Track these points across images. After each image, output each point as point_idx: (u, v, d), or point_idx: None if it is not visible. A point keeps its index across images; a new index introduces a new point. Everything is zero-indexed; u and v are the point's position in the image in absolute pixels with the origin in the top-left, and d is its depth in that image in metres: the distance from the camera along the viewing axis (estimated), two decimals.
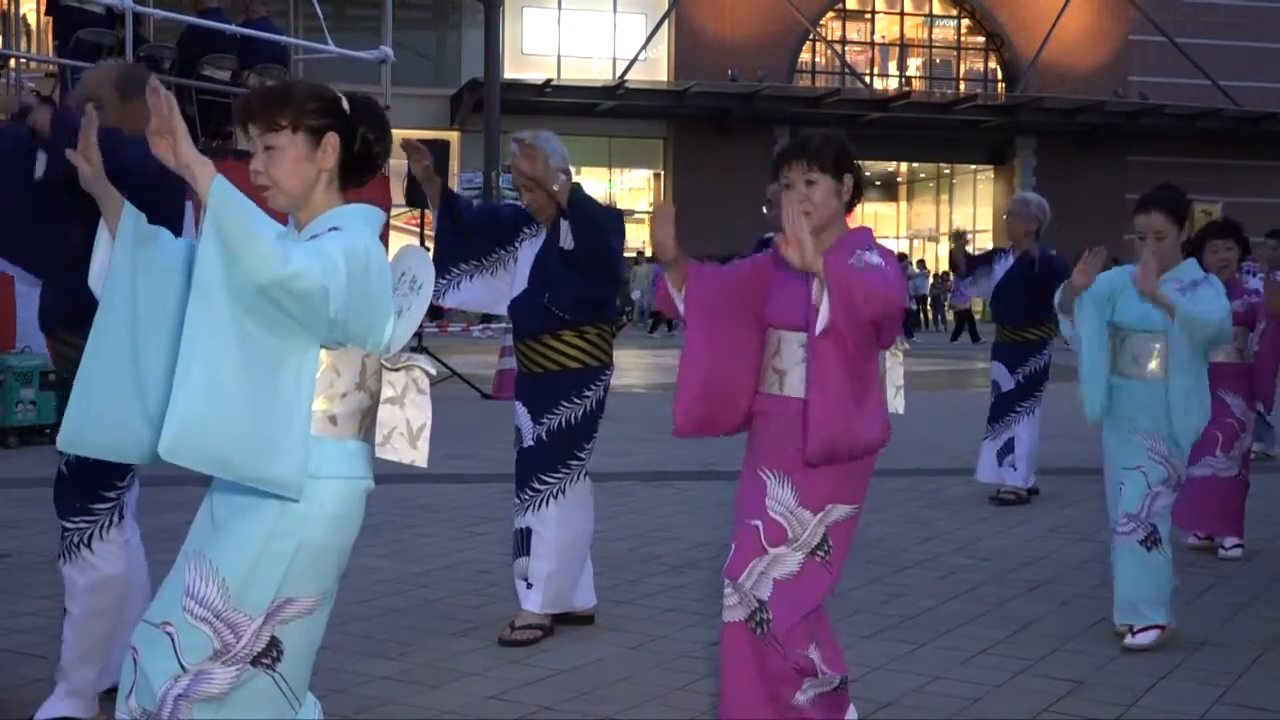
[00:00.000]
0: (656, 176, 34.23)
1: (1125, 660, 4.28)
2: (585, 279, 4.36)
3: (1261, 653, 4.39)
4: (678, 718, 3.68)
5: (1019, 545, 6.13)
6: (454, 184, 20.07)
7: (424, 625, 4.50)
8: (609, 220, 4.47)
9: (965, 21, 36.17)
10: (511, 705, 3.74)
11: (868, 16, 35.82)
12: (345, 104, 2.63)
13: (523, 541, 4.46)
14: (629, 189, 35.18)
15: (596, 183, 34.50)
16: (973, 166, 36.50)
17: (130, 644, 2.54)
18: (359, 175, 2.69)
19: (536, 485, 4.42)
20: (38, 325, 3.73)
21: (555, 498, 4.41)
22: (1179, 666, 4.22)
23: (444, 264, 4.56)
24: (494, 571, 5.36)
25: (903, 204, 39.69)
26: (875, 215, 39.44)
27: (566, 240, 4.30)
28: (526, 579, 4.43)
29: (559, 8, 33.14)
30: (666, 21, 32.17)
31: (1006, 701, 3.86)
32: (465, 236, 4.57)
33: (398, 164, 14.92)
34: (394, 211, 13.63)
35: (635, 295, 28.33)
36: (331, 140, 2.59)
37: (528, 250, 4.54)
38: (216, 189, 2.24)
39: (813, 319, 2.90)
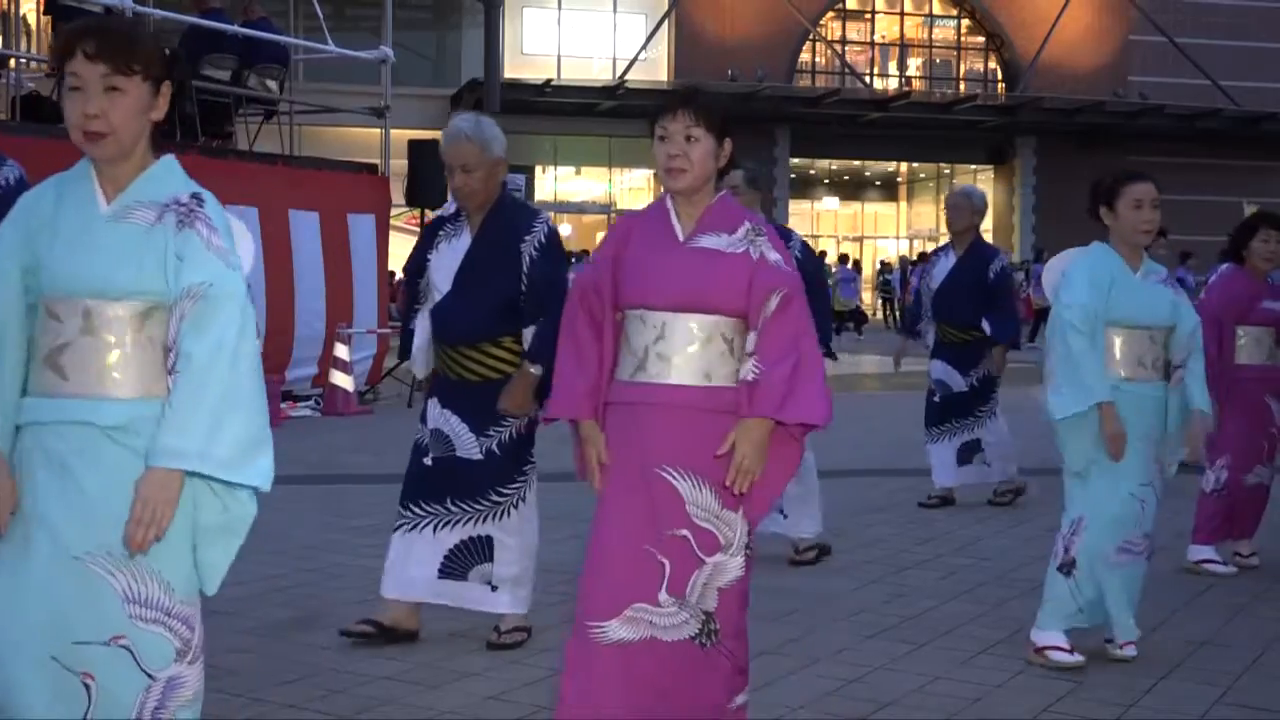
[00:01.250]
0: (656, 176, 34.19)
1: (1125, 660, 4.27)
2: None
3: (1261, 653, 4.39)
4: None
5: (1019, 545, 6.12)
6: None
7: (424, 625, 4.49)
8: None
9: (965, 21, 36.14)
10: (511, 705, 3.74)
11: (868, 16, 35.79)
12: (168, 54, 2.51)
13: (481, 549, 4.30)
14: (629, 189, 35.14)
15: (596, 183, 34.50)
16: (973, 166, 36.46)
17: (76, 671, 2.41)
18: (169, 128, 2.60)
19: (495, 497, 4.27)
20: None
21: (517, 506, 4.29)
22: (1179, 666, 4.22)
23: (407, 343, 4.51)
24: None
25: (902, 204, 39.66)
26: (875, 215, 39.44)
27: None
28: (490, 583, 4.32)
29: (559, 8, 33.11)
30: (666, 21, 32.14)
31: (1006, 701, 3.86)
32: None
33: (398, 164, 14.95)
34: (394, 211, 13.62)
35: None
36: (165, 92, 2.49)
37: (446, 252, 4.34)
38: (189, 459, 2.34)
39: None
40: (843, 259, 29.99)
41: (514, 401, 4.19)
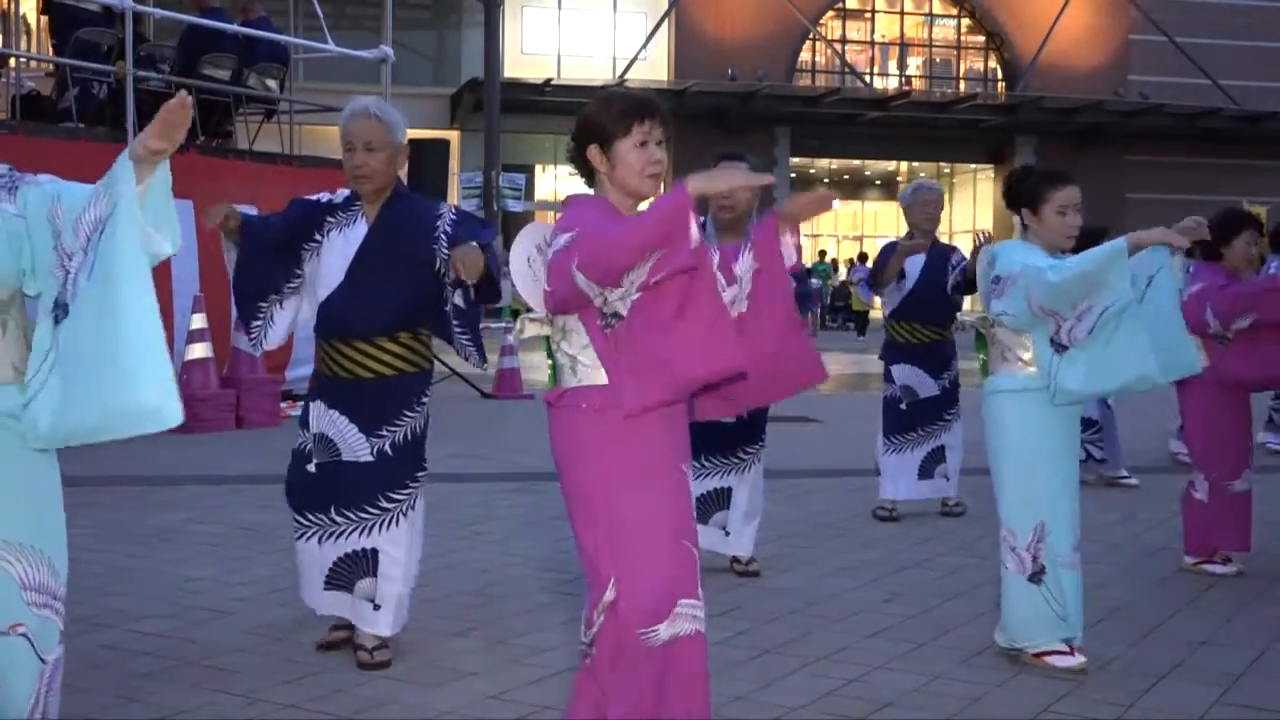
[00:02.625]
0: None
1: (1125, 660, 4.27)
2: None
3: (1261, 653, 4.39)
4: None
5: None
6: (454, 184, 19.97)
7: (424, 625, 4.49)
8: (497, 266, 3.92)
9: (965, 21, 36.16)
10: (511, 705, 3.74)
11: (868, 16, 35.82)
12: None
13: (365, 562, 4.04)
14: None
15: None
16: (973, 166, 36.49)
17: None
18: None
19: (384, 503, 4.00)
20: None
21: (405, 514, 4.03)
22: (1179, 666, 4.22)
23: (252, 305, 4.11)
24: (494, 571, 5.36)
25: None
26: (875, 215, 39.45)
27: (461, 299, 3.95)
28: (373, 600, 4.06)
29: (559, 7, 33.14)
30: (666, 21, 32.16)
31: (1006, 701, 3.86)
32: (273, 259, 4.08)
33: None
34: None
35: None
36: None
37: (339, 241, 4.04)
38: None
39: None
40: (862, 258, 29.94)
41: (471, 263, 3.74)
